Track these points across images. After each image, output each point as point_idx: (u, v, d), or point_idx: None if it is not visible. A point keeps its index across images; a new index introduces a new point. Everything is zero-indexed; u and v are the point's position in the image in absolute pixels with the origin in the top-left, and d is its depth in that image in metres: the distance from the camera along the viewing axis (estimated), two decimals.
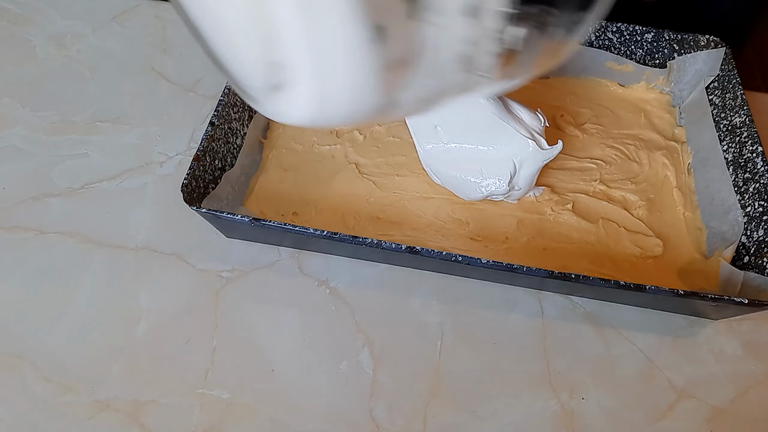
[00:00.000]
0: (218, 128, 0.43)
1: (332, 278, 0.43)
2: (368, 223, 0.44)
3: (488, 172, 0.42)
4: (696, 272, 0.43)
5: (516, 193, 0.44)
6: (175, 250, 0.43)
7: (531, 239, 0.44)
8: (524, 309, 0.42)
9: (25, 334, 0.39)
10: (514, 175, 0.42)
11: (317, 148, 0.48)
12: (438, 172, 0.44)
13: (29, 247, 0.43)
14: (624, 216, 0.46)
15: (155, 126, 0.50)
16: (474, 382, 0.39)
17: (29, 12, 0.58)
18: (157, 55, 0.56)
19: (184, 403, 0.37)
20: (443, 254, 0.37)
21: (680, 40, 0.53)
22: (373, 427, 0.37)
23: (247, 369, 0.38)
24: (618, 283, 0.37)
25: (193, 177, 0.39)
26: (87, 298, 0.41)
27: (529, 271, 0.37)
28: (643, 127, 0.52)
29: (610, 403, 0.38)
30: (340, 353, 0.39)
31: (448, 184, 0.44)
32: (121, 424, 0.36)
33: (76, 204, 0.45)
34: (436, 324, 0.41)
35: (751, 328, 0.42)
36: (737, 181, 0.45)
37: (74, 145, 0.49)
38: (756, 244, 0.42)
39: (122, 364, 0.38)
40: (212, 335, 0.40)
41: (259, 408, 0.37)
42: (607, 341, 0.41)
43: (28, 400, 0.36)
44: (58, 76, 0.54)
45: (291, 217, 0.44)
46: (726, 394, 0.39)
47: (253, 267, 0.43)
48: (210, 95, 0.53)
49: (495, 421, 0.37)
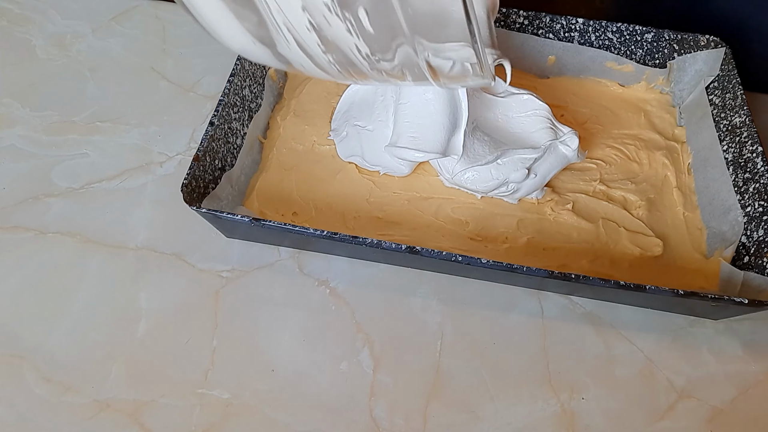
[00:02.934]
0: (218, 128, 0.43)
1: (332, 278, 0.43)
2: (368, 223, 0.44)
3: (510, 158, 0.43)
4: (696, 272, 0.43)
5: (524, 188, 0.44)
6: (175, 250, 0.43)
7: (531, 239, 0.44)
8: (524, 309, 0.42)
9: (25, 334, 0.39)
10: (535, 162, 0.43)
11: (317, 148, 0.48)
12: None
13: (29, 247, 0.43)
14: (624, 216, 0.46)
15: (155, 126, 0.50)
16: (474, 382, 0.39)
17: (29, 12, 0.58)
18: (157, 55, 0.56)
19: (184, 403, 0.37)
20: (443, 254, 0.37)
21: (680, 40, 0.53)
22: (373, 427, 0.37)
23: (247, 369, 0.38)
24: (618, 283, 0.37)
25: (193, 177, 0.39)
26: (87, 298, 0.41)
27: (529, 271, 0.37)
28: (643, 127, 0.52)
29: (610, 403, 0.38)
30: (340, 353, 0.39)
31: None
32: (121, 424, 0.36)
33: (76, 204, 0.45)
34: (436, 324, 0.41)
35: (751, 328, 0.42)
36: (737, 181, 0.45)
37: (74, 145, 0.49)
38: (756, 244, 0.42)
39: (122, 364, 0.38)
40: (212, 335, 0.40)
41: (259, 408, 0.37)
42: (607, 341, 0.41)
43: (28, 400, 0.36)
44: (58, 76, 0.54)
45: (291, 217, 0.44)
46: (726, 394, 0.39)
47: (253, 267, 0.43)
48: (210, 95, 0.53)
49: (495, 421, 0.37)
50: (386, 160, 0.45)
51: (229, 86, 0.44)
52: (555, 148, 0.44)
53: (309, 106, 0.51)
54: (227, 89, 0.44)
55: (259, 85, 0.48)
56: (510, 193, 0.44)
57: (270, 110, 0.50)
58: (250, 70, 0.47)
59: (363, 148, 0.46)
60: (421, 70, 0.30)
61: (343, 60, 0.29)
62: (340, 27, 0.27)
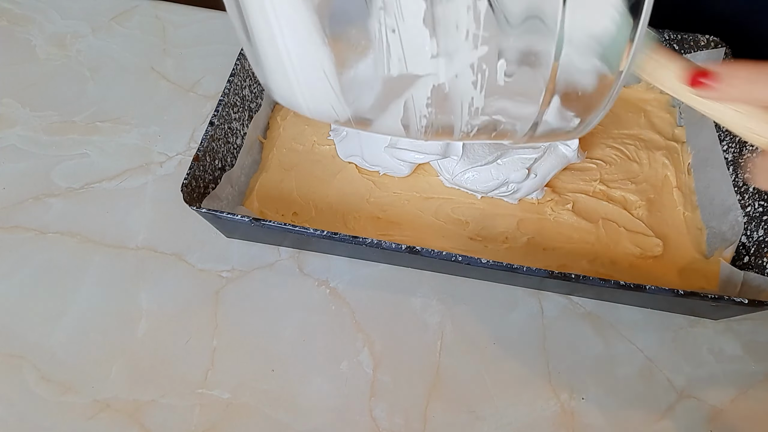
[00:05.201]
0: (218, 128, 0.43)
1: (332, 278, 0.43)
2: (368, 223, 0.44)
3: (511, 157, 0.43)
4: (696, 272, 0.43)
5: (524, 188, 0.44)
6: (175, 250, 0.43)
7: (531, 239, 0.44)
8: (524, 309, 0.42)
9: (25, 334, 0.39)
10: (535, 162, 0.43)
11: (317, 148, 0.48)
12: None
13: (29, 247, 0.43)
14: (624, 216, 0.46)
15: (155, 126, 0.50)
16: (474, 382, 0.39)
17: (29, 12, 0.58)
18: (157, 55, 0.56)
19: (184, 403, 0.37)
20: (443, 254, 0.37)
21: (680, 40, 0.53)
22: (373, 427, 0.37)
23: (247, 369, 0.38)
24: (618, 283, 0.37)
25: (193, 177, 0.39)
26: (87, 298, 0.41)
27: (529, 271, 0.37)
28: (643, 127, 0.52)
29: (610, 403, 0.38)
30: (340, 353, 0.39)
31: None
32: (121, 424, 0.36)
33: (76, 204, 0.45)
34: (436, 324, 0.41)
35: (751, 328, 0.42)
36: (737, 181, 0.45)
37: (74, 145, 0.49)
38: (756, 244, 0.42)
39: (122, 364, 0.38)
40: (212, 335, 0.40)
41: (259, 408, 0.37)
42: (607, 341, 0.41)
43: (28, 400, 0.36)
44: (58, 76, 0.54)
45: (291, 217, 0.44)
46: (726, 394, 0.39)
47: (253, 267, 0.43)
48: (210, 95, 0.53)
49: (495, 421, 0.37)
50: (386, 160, 0.45)
51: (229, 86, 0.44)
52: (555, 148, 0.44)
53: None
54: (227, 89, 0.44)
55: (259, 85, 0.48)
56: (510, 193, 0.44)
57: (270, 110, 0.50)
58: (250, 70, 0.47)
59: (363, 148, 0.46)
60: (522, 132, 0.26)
61: (439, 112, 0.25)
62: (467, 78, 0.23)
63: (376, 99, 0.25)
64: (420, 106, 0.25)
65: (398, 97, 0.24)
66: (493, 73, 0.23)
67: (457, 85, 0.23)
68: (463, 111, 0.25)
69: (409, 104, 0.25)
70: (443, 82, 0.23)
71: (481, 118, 0.25)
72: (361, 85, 0.24)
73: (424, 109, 0.25)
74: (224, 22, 0.59)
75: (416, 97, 0.24)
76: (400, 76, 0.23)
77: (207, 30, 0.58)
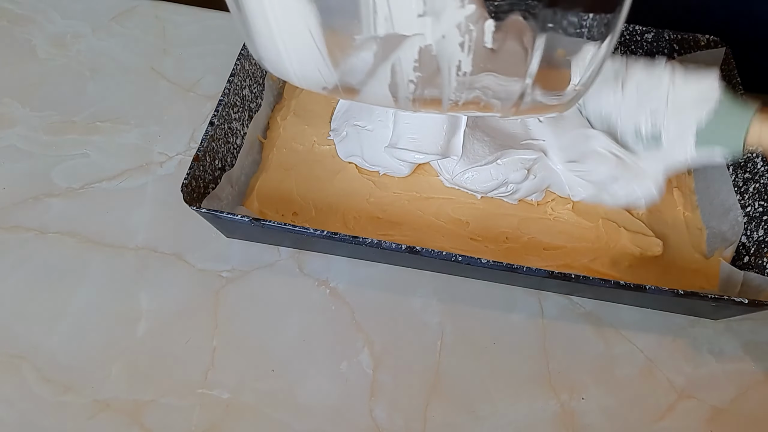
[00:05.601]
0: (218, 128, 0.43)
1: (332, 278, 0.43)
2: (368, 223, 0.44)
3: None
4: (696, 272, 0.43)
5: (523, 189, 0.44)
6: (175, 250, 0.43)
7: (531, 239, 0.44)
8: (524, 309, 0.42)
9: (25, 334, 0.39)
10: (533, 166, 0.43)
11: (317, 148, 0.48)
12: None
13: (29, 247, 0.43)
14: (624, 216, 0.46)
15: (155, 126, 0.50)
16: (474, 382, 0.39)
17: (29, 12, 0.58)
18: (157, 55, 0.56)
19: (184, 403, 0.37)
20: (443, 254, 0.37)
21: (680, 40, 0.53)
22: (373, 427, 0.37)
23: (247, 369, 0.38)
24: (618, 283, 0.37)
25: (193, 177, 0.39)
26: (87, 298, 0.41)
27: (529, 271, 0.37)
28: None
29: (610, 403, 0.38)
30: (340, 353, 0.39)
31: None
32: (121, 424, 0.36)
33: (76, 204, 0.45)
34: (436, 324, 0.41)
35: (751, 328, 0.42)
36: (737, 181, 0.45)
37: (74, 145, 0.49)
38: (756, 244, 0.42)
39: (122, 364, 0.38)
40: (212, 335, 0.40)
41: (259, 408, 0.37)
42: (607, 341, 0.41)
43: (28, 400, 0.36)
44: (58, 76, 0.54)
45: (291, 217, 0.44)
46: (726, 394, 0.39)
47: (253, 267, 0.43)
48: (210, 95, 0.53)
49: (495, 421, 0.37)
50: (386, 160, 0.45)
51: (229, 86, 0.44)
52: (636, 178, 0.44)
53: (309, 106, 0.51)
54: (227, 89, 0.44)
55: (259, 85, 0.48)
56: (509, 193, 0.44)
57: (270, 110, 0.50)
58: (250, 70, 0.47)
59: (363, 148, 0.46)
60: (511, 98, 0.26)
61: (427, 78, 0.25)
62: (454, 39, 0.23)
63: (363, 61, 0.25)
64: (407, 69, 0.24)
65: (385, 59, 0.24)
66: (480, 34, 0.22)
67: (444, 47, 0.23)
68: (451, 75, 0.24)
69: (396, 68, 0.24)
70: (430, 44, 0.23)
71: (469, 85, 0.25)
72: (347, 47, 0.24)
73: (412, 73, 0.25)
74: (224, 22, 0.59)
75: (403, 59, 0.24)
76: (387, 36, 0.23)
77: (207, 30, 0.58)
